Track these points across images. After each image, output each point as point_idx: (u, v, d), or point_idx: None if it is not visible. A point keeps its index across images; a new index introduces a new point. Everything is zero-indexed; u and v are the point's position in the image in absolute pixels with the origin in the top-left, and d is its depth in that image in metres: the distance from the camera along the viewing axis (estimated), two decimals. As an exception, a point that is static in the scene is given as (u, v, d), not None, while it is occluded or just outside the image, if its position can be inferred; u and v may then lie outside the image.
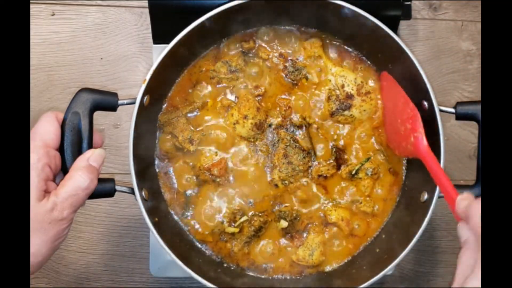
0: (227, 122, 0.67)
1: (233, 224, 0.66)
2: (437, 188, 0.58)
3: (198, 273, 0.58)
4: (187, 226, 0.67)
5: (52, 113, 0.54)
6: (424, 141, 0.57)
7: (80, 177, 0.51)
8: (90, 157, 0.53)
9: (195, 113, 0.67)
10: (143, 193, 0.60)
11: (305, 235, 0.67)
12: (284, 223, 0.66)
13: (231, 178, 0.67)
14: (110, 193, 0.57)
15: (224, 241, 0.67)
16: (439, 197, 0.59)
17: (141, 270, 0.76)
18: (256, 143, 0.67)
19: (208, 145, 0.67)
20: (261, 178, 0.67)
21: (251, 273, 0.67)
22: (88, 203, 0.59)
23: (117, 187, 0.57)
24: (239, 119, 0.66)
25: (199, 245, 0.67)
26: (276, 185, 0.67)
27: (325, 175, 0.67)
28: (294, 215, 0.66)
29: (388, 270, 0.59)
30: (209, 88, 0.68)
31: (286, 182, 0.66)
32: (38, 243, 0.48)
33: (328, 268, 0.68)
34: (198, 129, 0.67)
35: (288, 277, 0.67)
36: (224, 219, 0.66)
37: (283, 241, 0.67)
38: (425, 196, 0.61)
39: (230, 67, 0.68)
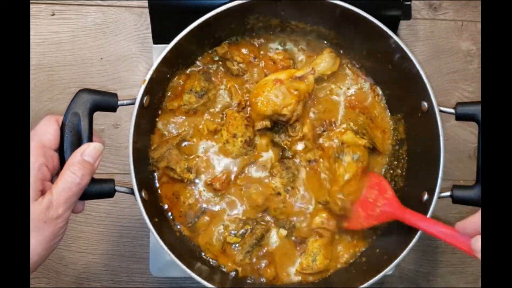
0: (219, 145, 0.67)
1: (233, 233, 0.66)
2: (437, 188, 0.58)
3: (198, 273, 0.58)
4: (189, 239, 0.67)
5: (51, 116, 0.54)
6: (396, 199, 0.61)
7: (71, 173, 0.51)
8: (84, 151, 0.53)
9: (185, 143, 0.67)
10: (143, 193, 0.60)
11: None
12: (283, 232, 0.66)
13: (233, 191, 0.67)
14: (110, 194, 0.57)
15: (225, 251, 0.66)
16: (439, 197, 0.59)
17: (141, 270, 0.77)
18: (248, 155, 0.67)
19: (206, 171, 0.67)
20: (264, 191, 0.67)
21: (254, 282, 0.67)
22: (88, 203, 0.59)
23: (117, 188, 0.57)
24: (228, 139, 0.66)
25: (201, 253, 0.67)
26: (279, 193, 0.66)
27: (313, 159, 0.67)
28: (293, 223, 0.67)
29: (388, 270, 0.59)
30: (187, 121, 0.68)
31: (289, 188, 0.66)
32: (33, 242, 0.48)
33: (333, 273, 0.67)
34: (192, 157, 0.67)
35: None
36: (225, 229, 0.66)
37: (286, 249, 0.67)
38: (425, 196, 0.61)
39: (197, 94, 0.67)
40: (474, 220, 0.49)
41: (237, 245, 0.66)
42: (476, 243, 0.48)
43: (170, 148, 0.65)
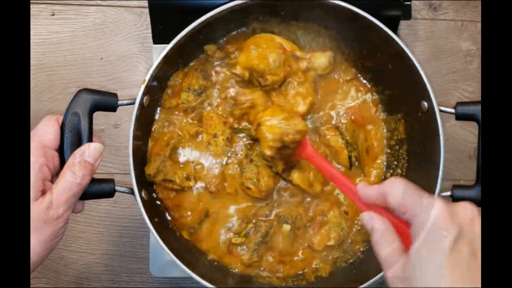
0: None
1: (235, 234, 0.66)
2: (437, 188, 0.58)
3: (198, 273, 0.58)
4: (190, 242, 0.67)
5: (52, 116, 0.54)
6: (307, 140, 0.61)
7: (72, 173, 0.51)
8: (84, 151, 0.53)
9: (177, 151, 0.67)
10: (142, 193, 0.60)
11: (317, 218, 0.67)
12: (287, 227, 0.66)
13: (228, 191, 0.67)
14: (110, 193, 0.57)
15: (232, 252, 0.66)
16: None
17: (141, 270, 0.77)
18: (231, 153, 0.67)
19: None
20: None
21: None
22: (88, 203, 0.59)
23: (117, 188, 0.57)
24: (210, 140, 0.66)
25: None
26: (249, 188, 0.65)
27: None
28: (294, 215, 0.66)
29: (388, 270, 0.59)
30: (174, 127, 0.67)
31: (255, 181, 0.65)
32: (33, 242, 0.48)
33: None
34: (186, 164, 0.67)
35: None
36: (229, 230, 0.66)
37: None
38: (425, 196, 0.61)
39: (195, 92, 0.66)
40: (371, 191, 0.46)
41: (243, 246, 0.66)
42: (364, 218, 0.46)
43: (164, 160, 0.65)
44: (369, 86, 0.71)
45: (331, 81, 0.70)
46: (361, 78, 0.71)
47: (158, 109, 0.67)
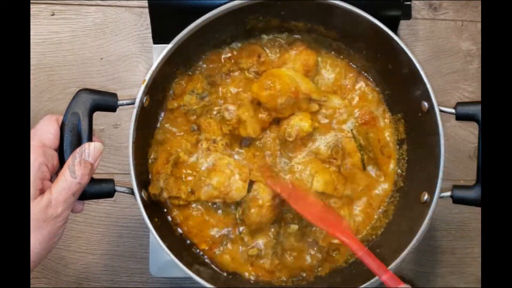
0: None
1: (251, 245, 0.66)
2: (437, 188, 0.58)
3: (198, 273, 0.58)
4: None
5: (51, 115, 0.54)
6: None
7: (71, 173, 0.51)
8: (84, 151, 0.53)
9: (179, 164, 0.66)
10: (142, 193, 0.60)
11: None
12: (294, 227, 0.66)
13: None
14: (110, 194, 0.57)
15: (253, 263, 0.66)
16: (440, 197, 0.59)
17: (141, 270, 0.77)
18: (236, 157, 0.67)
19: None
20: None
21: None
22: (88, 203, 0.59)
23: (117, 188, 0.57)
24: (209, 146, 0.66)
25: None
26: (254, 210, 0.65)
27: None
28: (299, 215, 0.66)
29: (388, 270, 0.59)
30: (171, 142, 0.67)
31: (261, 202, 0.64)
32: (32, 242, 0.48)
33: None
34: (188, 177, 0.66)
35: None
36: (243, 246, 0.66)
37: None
38: (425, 196, 0.61)
39: (198, 95, 0.66)
40: None
41: (261, 252, 0.66)
42: None
43: (166, 178, 0.64)
44: (369, 86, 0.71)
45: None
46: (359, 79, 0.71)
47: (160, 111, 0.67)
